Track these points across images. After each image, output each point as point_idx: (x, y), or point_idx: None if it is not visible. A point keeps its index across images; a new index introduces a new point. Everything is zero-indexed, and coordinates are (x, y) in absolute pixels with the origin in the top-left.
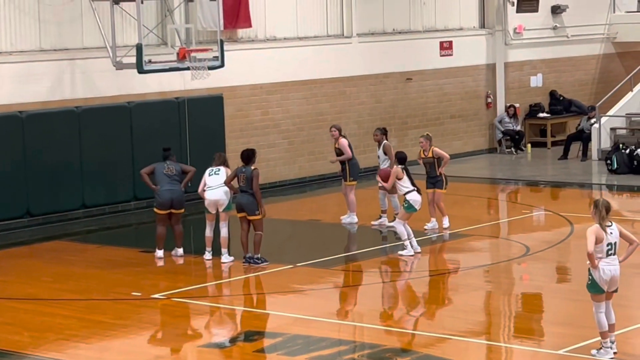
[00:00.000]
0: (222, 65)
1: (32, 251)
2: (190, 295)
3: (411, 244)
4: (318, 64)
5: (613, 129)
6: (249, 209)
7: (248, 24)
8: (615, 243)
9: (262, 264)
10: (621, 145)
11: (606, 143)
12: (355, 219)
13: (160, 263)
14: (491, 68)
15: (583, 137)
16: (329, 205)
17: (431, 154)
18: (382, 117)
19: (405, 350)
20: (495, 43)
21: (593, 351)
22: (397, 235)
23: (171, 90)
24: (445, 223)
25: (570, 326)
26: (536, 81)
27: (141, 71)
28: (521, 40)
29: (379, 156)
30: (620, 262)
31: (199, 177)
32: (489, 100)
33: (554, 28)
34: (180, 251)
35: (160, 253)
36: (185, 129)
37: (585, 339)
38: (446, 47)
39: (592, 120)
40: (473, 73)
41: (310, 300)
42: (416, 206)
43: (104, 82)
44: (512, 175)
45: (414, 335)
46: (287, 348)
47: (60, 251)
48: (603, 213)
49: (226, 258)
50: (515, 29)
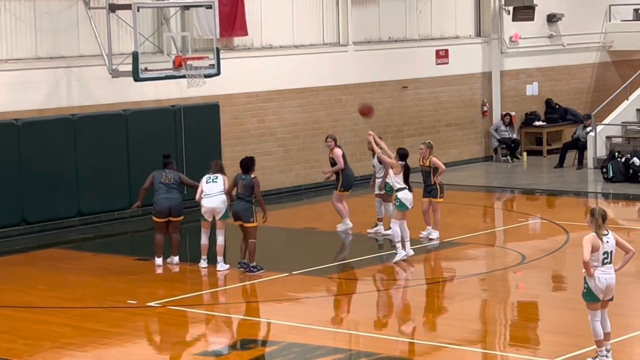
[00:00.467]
0: (218, 73)
1: (28, 259)
2: (186, 303)
3: (404, 246)
4: (314, 72)
5: (609, 138)
6: (244, 216)
7: (244, 32)
8: (611, 252)
9: (258, 272)
10: (617, 153)
11: (602, 151)
12: (349, 224)
13: (159, 271)
14: (487, 76)
15: (579, 146)
16: (325, 213)
17: (428, 163)
18: (378, 125)
19: (401, 358)
20: (491, 51)
21: (588, 359)
22: (392, 243)
23: (167, 98)
24: (435, 234)
25: (565, 335)
26: (532, 89)
27: (137, 79)
28: (517, 48)
29: (374, 165)
30: (616, 271)
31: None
32: (485, 108)
33: (550, 36)
34: (175, 259)
35: (159, 261)
36: (181, 137)
37: (580, 348)
38: (442, 56)
39: (588, 128)
40: (469, 81)
41: (306, 308)
42: (407, 204)
43: (100, 90)
44: (508, 183)
45: (410, 343)
46: (283, 356)
47: (55, 259)
48: (599, 221)
49: (222, 266)
50: (511, 38)
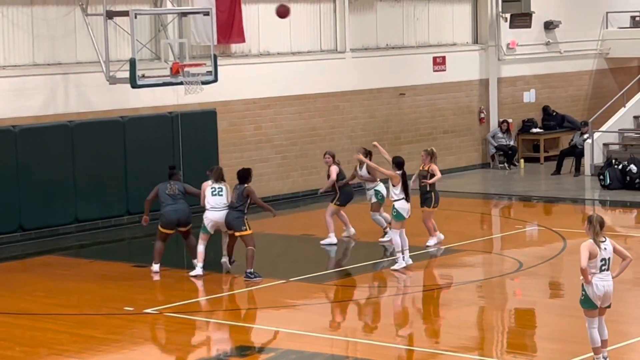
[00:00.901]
0: (216, 80)
1: (25, 266)
2: (182, 310)
3: (403, 257)
4: (311, 79)
5: (606, 145)
6: (236, 225)
7: (241, 39)
8: (609, 259)
9: (255, 279)
10: (614, 160)
11: (599, 158)
12: (334, 240)
13: (155, 277)
14: (484, 83)
15: (576, 153)
16: (322, 220)
17: (427, 168)
18: (375, 132)
19: None
20: (488, 58)
21: None
22: (391, 250)
23: (164, 104)
24: (429, 242)
25: (563, 342)
26: (529, 96)
27: (134, 86)
28: (514, 55)
29: (362, 175)
30: (613, 278)
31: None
32: (482, 115)
33: (547, 44)
34: (198, 264)
35: (156, 267)
36: (178, 144)
37: (578, 355)
38: (439, 63)
39: (585, 135)
40: (466, 88)
41: (303, 315)
42: (404, 214)
43: (98, 97)
44: (505, 190)
45: (407, 350)
46: None
47: (52, 266)
48: (597, 228)
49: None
50: (508, 45)
